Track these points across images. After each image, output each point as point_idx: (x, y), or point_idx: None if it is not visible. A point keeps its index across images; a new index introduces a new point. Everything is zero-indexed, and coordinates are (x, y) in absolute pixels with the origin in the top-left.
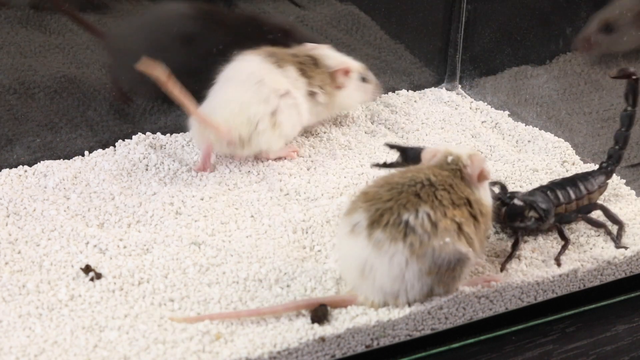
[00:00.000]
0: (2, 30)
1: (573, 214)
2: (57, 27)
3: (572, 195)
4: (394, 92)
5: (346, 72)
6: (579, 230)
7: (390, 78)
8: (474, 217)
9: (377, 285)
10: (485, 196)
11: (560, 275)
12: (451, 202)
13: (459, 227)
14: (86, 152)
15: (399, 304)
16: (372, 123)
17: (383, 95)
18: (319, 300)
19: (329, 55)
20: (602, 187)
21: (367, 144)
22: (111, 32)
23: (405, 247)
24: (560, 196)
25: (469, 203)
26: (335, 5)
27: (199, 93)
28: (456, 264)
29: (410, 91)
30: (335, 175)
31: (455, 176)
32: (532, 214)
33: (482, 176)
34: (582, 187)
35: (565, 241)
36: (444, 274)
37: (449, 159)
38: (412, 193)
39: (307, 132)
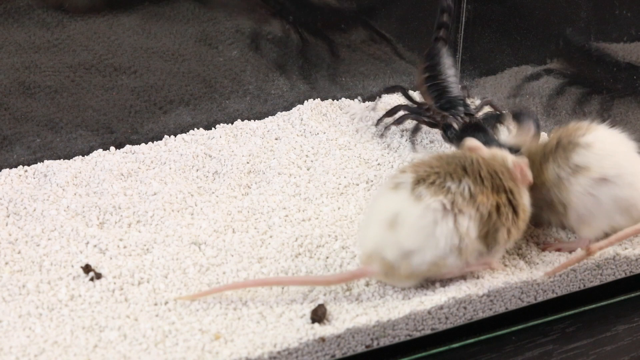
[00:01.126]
0: (2, 30)
1: None
2: (57, 26)
3: None
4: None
5: None
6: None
7: (390, 78)
8: (514, 208)
9: (401, 237)
10: (528, 201)
11: (560, 275)
12: (492, 185)
13: (497, 208)
14: (86, 152)
15: (410, 264)
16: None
17: (383, 95)
18: (328, 278)
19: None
20: None
21: (367, 144)
22: None
23: (446, 199)
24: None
25: (511, 192)
26: (335, 5)
27: None
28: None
29: (410, 91)
30: (335, 175)
31: (503, 167)
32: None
33: (523, 178)
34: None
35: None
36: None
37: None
38: (459, 165)
39: (307, 132)
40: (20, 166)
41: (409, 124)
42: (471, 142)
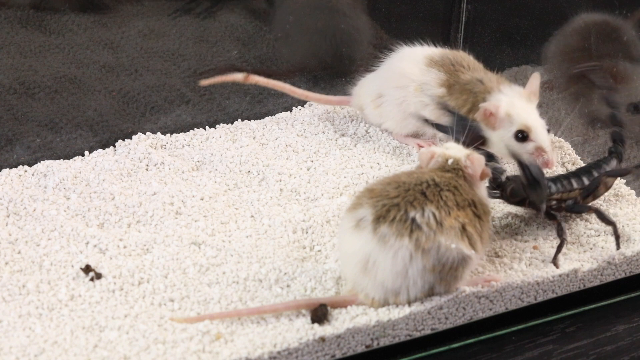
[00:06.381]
0: (2, 30)
1: (584, 206)
2: (57, 27)
3: (585, 182)
4: None
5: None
6: (579, 231)
7: None
8: (479, 217)
9: (379, 281)
10: (485, 195)
11: (560, 275)
12: (455, 203)
13: (463, 228)
14: (86, 152)
15: (399, 301)
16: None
17: None
18: (320, 300)
19: None
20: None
21: (367, 144)
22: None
23: (411, 242)
24: (574, 183)
25: (473, 204)
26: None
27: None
28: (459, 264)
29: None
30: (335, 175)
31: (459, 177)
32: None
33: (483, 175)
34: (595, 174)
35: (562, 240)
36: (446, 272)
37: (450, 161)
38: (418, 191)
39: (307, 132)
40: (20, 166)
41: None
42: (424, 153)
